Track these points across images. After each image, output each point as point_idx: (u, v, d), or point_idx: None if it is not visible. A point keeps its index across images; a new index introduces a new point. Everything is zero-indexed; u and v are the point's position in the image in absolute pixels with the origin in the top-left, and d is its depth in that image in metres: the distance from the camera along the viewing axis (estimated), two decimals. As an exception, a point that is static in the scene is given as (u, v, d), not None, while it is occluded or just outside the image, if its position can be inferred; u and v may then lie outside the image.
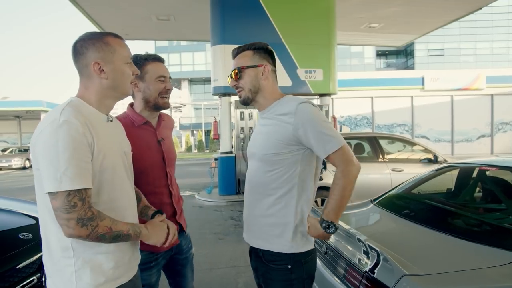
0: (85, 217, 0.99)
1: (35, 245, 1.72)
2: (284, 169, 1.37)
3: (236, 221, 5.70)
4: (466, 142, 15.78)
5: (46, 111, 20.75)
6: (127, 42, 1.24)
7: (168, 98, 1.65)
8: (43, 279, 1.62)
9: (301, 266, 1.39)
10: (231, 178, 7.70)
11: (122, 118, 1.59)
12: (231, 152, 7.83)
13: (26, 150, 19.51)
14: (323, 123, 1.33)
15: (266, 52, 1.45)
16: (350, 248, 1.78)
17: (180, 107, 37.87)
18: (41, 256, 1.66)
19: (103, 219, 1.03)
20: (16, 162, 18.27)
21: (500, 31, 40.32)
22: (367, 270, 1.56)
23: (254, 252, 1.48)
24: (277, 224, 1.39)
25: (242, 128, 7.81)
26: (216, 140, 8.72)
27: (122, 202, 1.17)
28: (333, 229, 1.35)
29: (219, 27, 7.54)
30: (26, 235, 1.77)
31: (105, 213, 1.07)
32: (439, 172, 2.83)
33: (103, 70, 1.12)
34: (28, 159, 18.81)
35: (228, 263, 3.78)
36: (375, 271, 1.52)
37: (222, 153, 7.84)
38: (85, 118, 1.05)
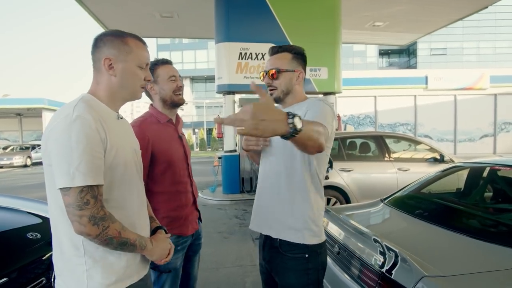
0: (97, 216, 0.98)
1: (44, 244, 1.69)
2: (301, 161, 1.41)
3: (240, 220, 5.68)
4: (469, 142, 15.71)
5: (47, 109, 20.78)
6: None
7: (182, 94, 1.80)
8: (52, 279, 1.58)
9: (317, 256, 1.42)
10: (235, 177, 7.67)
11: (148, 117, 1.74)
12: (235, 151, 7.79)
13: (28, 148, 19.51)
14: (326, 116, 1.34)
15: (302, 59, 1.53)
16: (365, 248, 1.75)
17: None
18: (50, 256, 1.64)
19: (114, 221, 1.02)
20: (18, 160, 18.27)
21: (504, 31, 40.11)
22: (384, 271, 1.52)
23: (269, 243, 1.50)
24: (294, 215, 1.42)
25: (246, 126, 7.77)
26: (219, 138, 8.68)
27: (132, 200, 1.15)
28: (293, 121, 1.04)
29: (224, 25, 7.49)
30: (34, 235, 1.74)
31: (116, 210, 1.06)
32: (447, 172, 2.79)
33: (112, 67, 1.11)
34: (30, 157, 18.81)
35: (235, 263, 3.75)
36: (393, 272, 1.48)
37: (226, 151, 7.81)
38: (98, 114, 1.04)
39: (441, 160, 5.09)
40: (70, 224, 1.00)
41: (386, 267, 1.52)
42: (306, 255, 1.40)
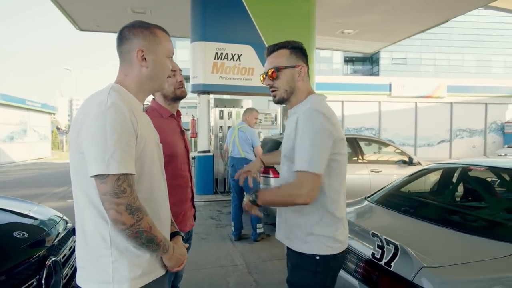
0: (134, 205, 0.96)
1: (33, 244, 1.58)
2: None
3: (216, 220, 5.62)
4: (427, 147, 16.74)
5: (1, 104, 19.26)
6: (98, 34, 1.24)
7: (184, 87, 1.80)
8: (43, 280, 1.48)
9: (328, 261, 1.40)
10: (209, 178, 7.58)
11: (150, 111, 1.73)
12: (209, 151, 7.71)
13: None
14: (314, 139, 1.27)
15: (302, 52, 1.44)
16: (361, 242, 1.81)
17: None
18: (40, 256, 1.53)
19: (147, 215, 1.01)
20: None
21: (456, 44, 43.34)
22: (383, 264, 1.59)
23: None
24: (302, 226, 1.40)
25: (221, 127, 7.73)
26: (193, 138, 8.54)
27: (159, 192, 1.14)
28: (252, 197, 1.34)
29: (200, 24, 7.40)
30: (21, 234, 1.61)
31: (145, 203, 1.03)
32: (421, 173, 2.97)
33: (145, 58, 1.11)
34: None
35: (215, 263, 3.71)
36: (392, 264, 1.55)
37: (199, 152, 7.70)
38: (129, 104, 1.03)
39: (409, 162, 5.38)
40: (98, 214, 0.98)
41: (385, 260, 1.59)
42: (317, 257, 1.38)
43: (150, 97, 1.78)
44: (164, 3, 8.31)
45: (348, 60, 47.73)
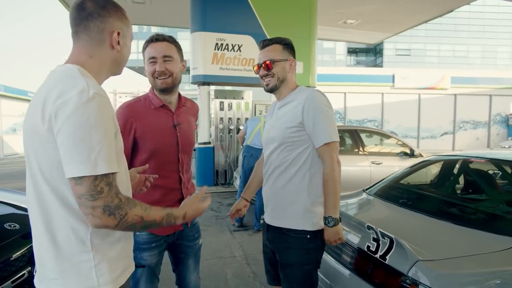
0: (112, 205, 0.87)
1: (24, 236, 1.56)
2: (303, 152, 1.54)
3: (216, 212, 5.62)
4: (430, 139, 16.61)
5: (4, 96, 19.27)
6: None
7: (164, 79, 1.55)
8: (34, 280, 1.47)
9: (318, 236, 1.53)
10: (209, 169, 7.57)
11: (142, 99, 1.61)
12: (209, 143, 7.68)
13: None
14: (326, 114, 1.50)
15: (292, 48, 1.64)
16: (356, 235, 1.79)
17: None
18: (31, 247, 1.51)
19: (133, 206, 0.92)
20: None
21: (462, 35, 42.74)
22: (378, 257, 1.57)
23: (272, 225, 1.62)
24: (298, 203, 1.53)
25: (221, 118, 7.69)
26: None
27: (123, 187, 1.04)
28: (332, 222, 1.47)
29: (200, 14, 7.30)
30: (12, 225, 1.60)
31: None
32: (421, 165, 2.93)
33: (119, 42, 1.02)
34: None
35: (214, 255, 3.72)
36: (387, 257, 1.53)
37: (200, 143, 7.68)
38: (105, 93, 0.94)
39: (411, 154, 5.33)
40: (76, 216, 0.90)
41: (380, 253, 1.57)
42: (308, 236, 1.51)
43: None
44: (164, -7, 8.21)
45: (352, 51, 47.31)
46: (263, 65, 1.59)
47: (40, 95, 0.89)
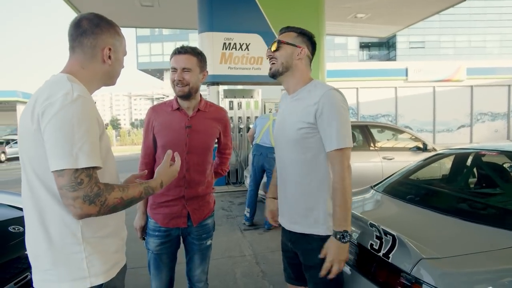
0: (92, 194, 0.92)
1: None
2: (318, 153, 1.46)
3: (227, 211, 5.64)
4: (447, 132, 16.20)
5: (22, 102, 19.91)
6: None
7: (181, 87, 1.73)
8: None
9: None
10: (220, 169, 7.60)
11: (167, 103, 1.85)
12: (219, 143, 7.71)
13: (1, 143, 18.65)
14: (341, 116, 1.39)
15: (309, 40, 1.55)
16: (360, 233, 1.75)
17: (163, 98, 37.25)
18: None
19: (111, 191, 0.97)
20: (-9, 154, 17.46)
21: (477, 25, 41.44)
22: (381, 255, 1.52)
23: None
24: (319, 209, 1.47)
25: (231, 117, 7.70)
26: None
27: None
28: (348, 237, 1.38)
29: (207, 14, 7.32)
30: (16, 228, 1.64)
31: None
32: (432, 159, 2.84)
33: (110, 56, 1.12)
34: (4, 152, 17.98)
35: (224, 254, 3.73)
36: (390, 255, 1.49)
37: (210, 143, 7.72)
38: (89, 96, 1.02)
39: (424, 149, 5.21)
40: (65, 210, 0.96)
41: (383, 251, 1.52)
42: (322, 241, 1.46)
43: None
44: (172, -6, 8.27)
45: (364, 46, 46.62)
46: (271, 46, 1.53)
47: (31, 100, 0.99)
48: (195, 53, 1.76)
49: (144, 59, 40.38)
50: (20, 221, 1.72)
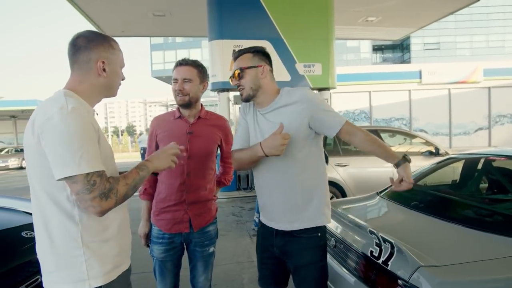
0: (106, 190, 1.01)
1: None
2: (307, 149, 1.55)
3: (237, 217, 5.67)
4: (464, 135, 15.79)
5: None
6: (124, 39, 1.29)
7: (182, 97, 1.81)
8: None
9: (324, 233, 1.61)
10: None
11: (170, 112, 1.95)
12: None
13: (22, 150, 19.30)
14: (327, 104, 1.58)
15: (264, 55, 1.62)
16: (361, 240, 1.75)
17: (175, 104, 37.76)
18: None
19: (118, 181, 1.06)
20: (13, 162, 18.09)
21: (496, 24, 40.38)
22: (381, 263, 1.53)
23: (281, 231, 1.60)
24: (311, 201, 1.55)
25: (241, 124, 7.76)
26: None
27: None
28: (408, 157, 1.51)
29: (216, 22, 7.45)
30: (28, 233, 1.72)
31: None
32: (443, 164, 2.81)
33: (105, 69, 1.17)
34: (24, 159, 18.58)
35: (232, 259, 3.75)
36: (389, 263, 1.49)
37: (221, 149, 7.80)
38: (84, 107, 1.09)
39: (436, 153, 5.12)
40: (66, 216, 1.03)
41: (382, 259, 1.53)
42: (319, 234, 1.57)
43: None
44: (183, 4, 8.45)
45: (377, 49, 46.14)
46: (234, 74, 1.59)
47: (32, 116, 1.07)
48: (196, 65, 1.85)
49: (158, 67, 41.19)
50: (31, 226, 1.81)
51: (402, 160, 1.48)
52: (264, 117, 1.60)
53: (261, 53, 1.61)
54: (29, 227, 1.81)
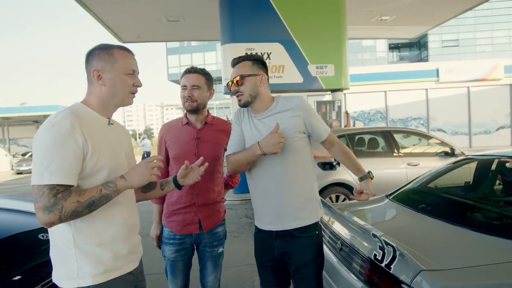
0: (49, 204, 1.03)
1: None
2: (301, 152, 1.66)
3: (251, 219, 5.71)
4: (484, 134, 15.33)
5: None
6: (138, 45, 1.33)
7: (190, 103, 1.90)
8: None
9: (320, 230, 1.70)
10: (243, 176, 7.66)
11: (179, 119, 2.03)
12: (243, 151, 7.82)
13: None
14: (317, 114, 1.73)
15: (262, 64, 1.69)
16: (365, 244, 1.76)
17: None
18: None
19: (68, 197, 1.05)
20: (36, 165, 18.76)
21: (518, 19, 38.96)
22: (384, 266, 1.53)
23: (280, 233, 1.65)
24: (307, 200, 1.66)
25: (254, 126, 7.80)
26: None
27: (120, 200, 1.23)
28: (371, 174, 1.73)
29: (228, 26, 7.53)
30: (45, 236, 1.82)
31: (99, 208, 1.13)
32: (456, 165, 2.76)
33: (101, 77, 1.22)
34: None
35: (244, 261, 3.80)
36: (391, 266, 1.49)
37: (234, 151, 7.85)
38: (81, 121, 1.13)
39: (452, 154, 5.01)
40: None
41: (385, 262, 1.53)
42: (317, 232, 1.67)
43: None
44: (196, 9, 8.59)
45: (393, 47, 45.32)
46: (233, 81, 1.63)
47: None
48: (203, 73, 1.94)
49: (174, 70, 41.89)
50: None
51: (366, 176, 1.72)
52: (261, 122, 1.66)
53: (259, 62, 1.68)
54: (46, 229, 1.91)
